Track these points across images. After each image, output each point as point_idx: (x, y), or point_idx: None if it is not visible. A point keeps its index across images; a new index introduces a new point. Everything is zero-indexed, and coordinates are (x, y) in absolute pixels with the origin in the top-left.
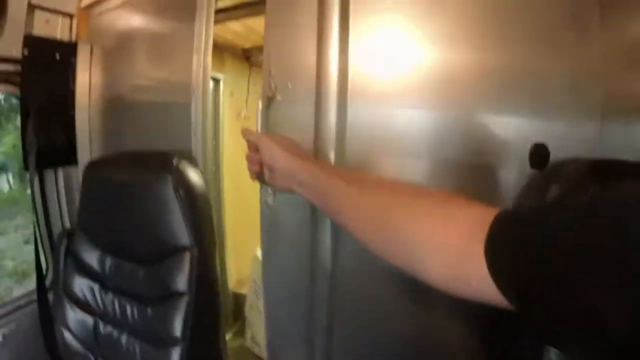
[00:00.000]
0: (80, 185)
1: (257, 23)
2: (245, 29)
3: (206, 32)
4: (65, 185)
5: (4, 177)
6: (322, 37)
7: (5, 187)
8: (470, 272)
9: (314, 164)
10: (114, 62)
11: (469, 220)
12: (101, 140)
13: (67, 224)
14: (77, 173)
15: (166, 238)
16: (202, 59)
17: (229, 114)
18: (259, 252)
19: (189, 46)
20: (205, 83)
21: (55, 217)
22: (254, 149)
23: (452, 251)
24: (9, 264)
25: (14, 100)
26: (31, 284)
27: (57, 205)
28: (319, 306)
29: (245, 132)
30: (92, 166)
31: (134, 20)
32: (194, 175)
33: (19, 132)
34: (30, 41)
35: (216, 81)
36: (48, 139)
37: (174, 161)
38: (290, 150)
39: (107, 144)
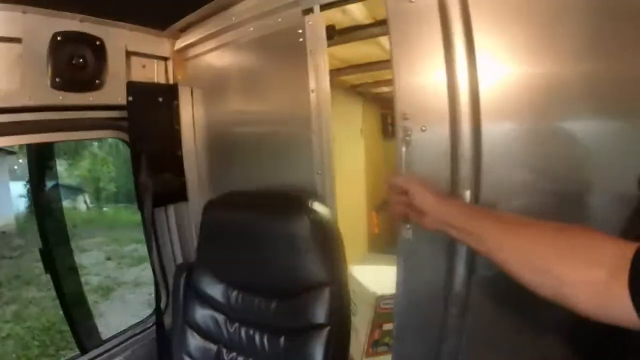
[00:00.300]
0: (199, 222)
1: (341, 49)
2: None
3: (323, 64)
4: (177, 221)
5: (81, 198)
6: (451, 77)
7: (83, 207)
8: (614, 303)
9: (462, 206)
10: (215, 101)
11: (612, 256)
12: (210, 177)
13: (179, 258)
14: (188, 209)
15: (303, 274)
16: (320, 95)
17: None
18: (355, 271)
19: (302, 81)
20: (326, 120)
21: (166, 250)
22: (400, 191)
23: (598, 285)
24: (94, 279)
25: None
26: (117, 299)
27: (168, 240)
28: (449, 334)
29: (391, 176)
30: (212, 205)
31: (234, 60)
32: (326, 215)
33: (93, 158)
34: (134, 87)
35: None
36: (160, 179)
37: (309, 203)
38: (439, 194)
39: (216, 181)
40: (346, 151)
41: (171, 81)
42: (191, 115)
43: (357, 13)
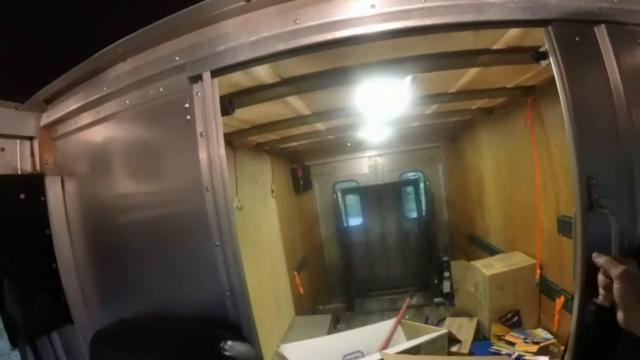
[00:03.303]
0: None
1: (242, 112)
2: (229, 118)
3: (218, 149)
4: (65, 349)
5: None
6: None
7: None
8: None
9: None
10: (95, 192)
11: None
12: (97, 290)
13: None
14: (76, 331)
15: None
16: (218, 194)
17: None
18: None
19: (194, 175)
20: (229, 228)
21: None
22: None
23: None
24: None
25: None
26: None
27: None
28: None
29: (598, 257)
30: (100, 339)
31: (114, 138)
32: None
33: None
34: None
35: None
36: (33, 302)
37: (221, 341)
38: None
39: (104, 294)
40: (260, 215)
41: (38, 167)
42: (64, 214)
43: (260, 72)
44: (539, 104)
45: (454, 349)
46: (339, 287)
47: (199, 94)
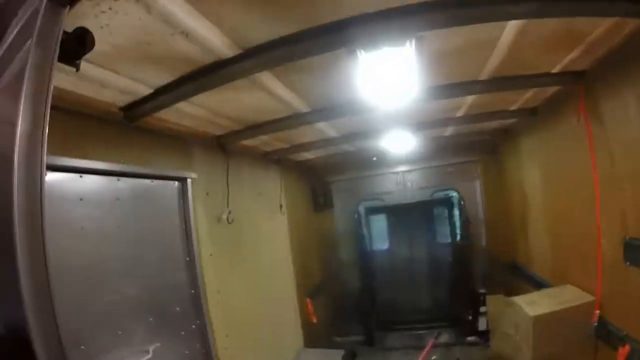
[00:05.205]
0: None
1: (221, 104)
2: (211, 113)
3: None
4: None
5: None
6: None
7: None
8: None
9: None
10: None
11: None
12: None
13: None
14: None
15: None
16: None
17: (207, 220)
18: None
19: None
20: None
21: None
22: None
23: None
24: None
25: None
26: None
27: None
28: None
29: None
30: None
31: None
32: None
33: None
34: None
35: (182, 181)
36: None
37: None
38: None
39: None
40: (262, 232)
41: None
42: None
43: (214, 41)
44: (595, 92)
45: None
46: (358, 318)
47: None
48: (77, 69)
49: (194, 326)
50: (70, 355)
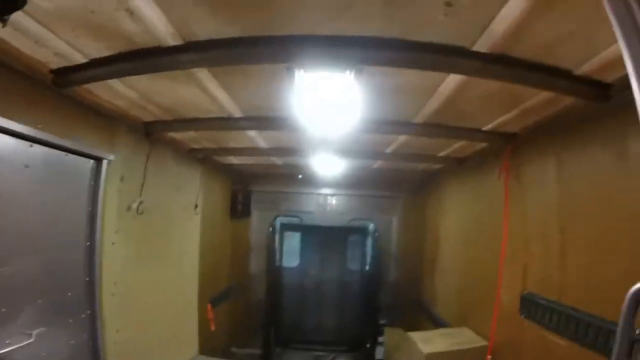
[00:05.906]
0: None
1: (155, 91)
2: (143, 98)
3: None
4: None
5: None
6: None
7: None
8: None
9: None
10: None
11: None
12: None
13: None
14: None
15: None
16: None
17: (116, 206)
18: None
19: None
20: None
21: None
22: None
23: None
24: None
25: None
26: None
27: None
28: None
29: None
30: None
31: None
32: None
33: None
34: None
35: (98, 161)
36: None
37: None
38: None
39: None
40: (175, 228)
41: None
42: None
43: (158, 25)
44: (520, 155)
45: None
46: (259, 331)
47: None
48: (4, 25)
49: (83, 315)
50: None
